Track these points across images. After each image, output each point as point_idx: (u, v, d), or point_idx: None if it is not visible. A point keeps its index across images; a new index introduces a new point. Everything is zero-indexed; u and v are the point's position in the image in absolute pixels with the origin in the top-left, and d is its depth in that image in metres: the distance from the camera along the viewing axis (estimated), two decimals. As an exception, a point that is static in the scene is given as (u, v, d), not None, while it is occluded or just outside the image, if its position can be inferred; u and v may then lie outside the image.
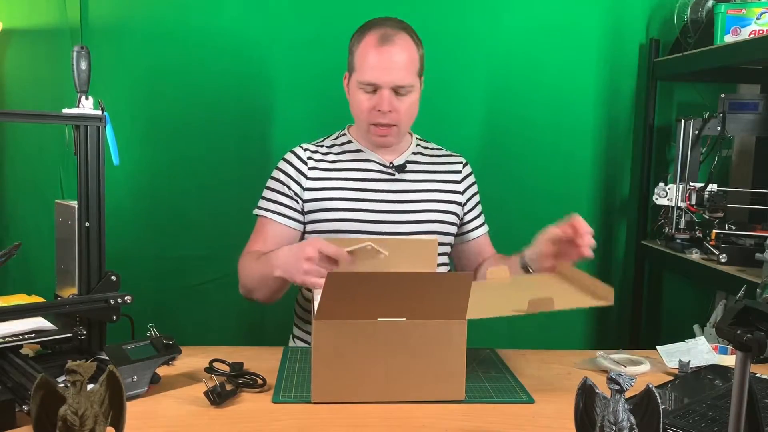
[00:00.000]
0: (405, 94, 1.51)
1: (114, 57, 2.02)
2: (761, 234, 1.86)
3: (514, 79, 2.19)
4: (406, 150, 1.65)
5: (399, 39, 1.50)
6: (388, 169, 1.60)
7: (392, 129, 1.54)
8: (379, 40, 1.49)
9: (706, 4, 2.05)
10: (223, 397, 1.10)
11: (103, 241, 1.26)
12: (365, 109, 1.52)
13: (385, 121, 1.52)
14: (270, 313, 2.08)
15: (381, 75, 1.48)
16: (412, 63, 1.52)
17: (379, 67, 1.48)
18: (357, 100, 1.53)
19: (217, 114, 2.10)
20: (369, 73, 1.49)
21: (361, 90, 1.51)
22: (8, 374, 1.11)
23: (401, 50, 1.50)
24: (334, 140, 1.66)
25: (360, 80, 1.51)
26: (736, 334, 0.73)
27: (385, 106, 1.49)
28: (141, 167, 2.07)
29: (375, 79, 1.49)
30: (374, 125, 1.53)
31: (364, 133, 1.59)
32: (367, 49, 1.50)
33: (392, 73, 1.48)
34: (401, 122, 1.54)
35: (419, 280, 1.16)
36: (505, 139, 2.21)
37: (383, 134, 1.55)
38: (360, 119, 1.56)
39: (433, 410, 1.11)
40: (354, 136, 1.65)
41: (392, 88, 1.49)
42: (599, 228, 2.30)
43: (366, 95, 1.51)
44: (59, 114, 1.24)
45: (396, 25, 1.53)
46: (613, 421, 0.78)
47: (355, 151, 1.62)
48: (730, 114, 2.03)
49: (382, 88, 1.49)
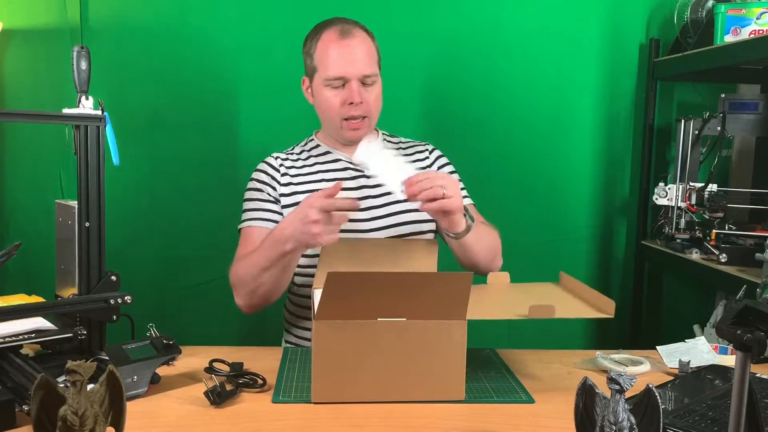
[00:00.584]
0: (371, 84, 1.53)
1: (114, 57, 2.02)
2: (761, 234, 1.86)
3: (514, 79, 2.19)
4: None
5: (357, 32, 1.53)
6: (357, 167, 1.60)
7: (364, 121, 1.55)
8: (339, 34, 1.51)
9: (706, 4, 2.05)
10: (223, 397, 1.10)
11: (103, 241, 1.26)
12: (336, 105, 1.52)
13: (357, 113, 1.52)
14: (270, 314, 2.07)
15: (348, 66, 1.50)
16: (372, 54, 1.55)
17: (344, 60, 1.50)
18: (325, 98, 1.54)
19: (217, 114, 2.10)
20: (335, 68, 1.50)
21: (328, 87, 1.52)
22: (8, 374, 1.11)
23: (361, 42, 1.52)
24: (303, 146, 1.67)
25: (326, 77, 1.51)
26: (736, 334, 0.73)
27: (356, 98, 1.50)
28: (141, 167, 2.07)
29: (342, 72, 1.50)
30: (346, 120, 1.54)
31: (334, 131, 1.59)
32: (328, 45, 1.52)
33: (358, 64, 1.50)
34: (371, 113, 1.56)
35: (419, 279, 1.16)
36: (505, 138, 2.21)
37: (356, 127, 1.55)
38: (331, 117, 1.55)
39: (433, 410, 1.11)
40: (321, 139, 1.66)
41: (359, 79, 1.51)
42: (599, 228, 2.30)
43: (334, 91, 1.52)
44: (59, 114, 1.24)
45: (348, 21, 1.56)
46: (613, 421, 0.78)
47: (324, 153, 1.63)
48: (730, 114, 2.03)
49: (350, 80, 1.50)
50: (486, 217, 1.73)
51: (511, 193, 2.21)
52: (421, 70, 2.15)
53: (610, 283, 2.33)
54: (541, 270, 2.24)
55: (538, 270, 2.23)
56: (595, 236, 2.30)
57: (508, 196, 2.21)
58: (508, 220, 2.20)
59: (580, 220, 2.27)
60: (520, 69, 2.19)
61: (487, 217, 1.74)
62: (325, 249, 1.34)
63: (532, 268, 2.23)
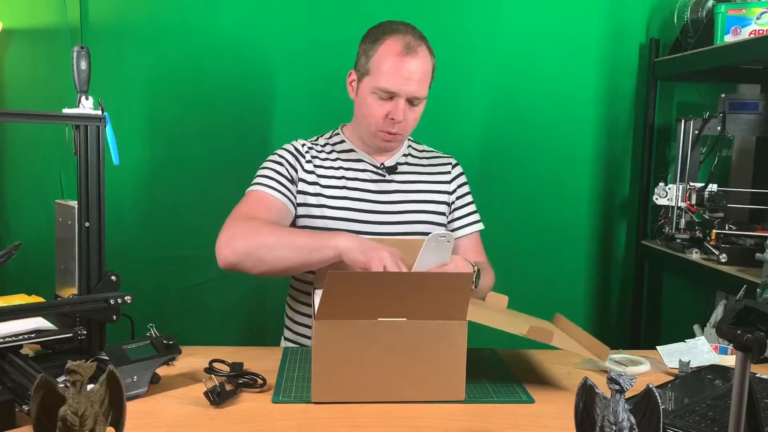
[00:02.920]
0: (417, 105, 1.52)
1: (114, 57, 2.02)
2: (761, 234, 1.86)
3: (514, 79, 2.19)
4: (398, 152, 1.65)
5: (421, 50, 1.49)
6: (379, 170, 1.61)
7: (397, 136, 1.55)
8: (404, 49, 1.47)
9: (706, 4, 2.05)
10: (223, 397, 1.10)
11: (103, 241, 1.26)
12: (378, 114, 1.51)
13: (396, 130, 1.52)
14: (270, 314, 2.08)
15: (401, 85, 1.47)
16: (428, 75, 1.52)
17: (400, 77, 1.47)
18: (368, 104, 1.52)
19: (217, 114, 2.10)
20: (388, 81, 1.48)
21: (375, 95, 1.50)
22: (8, 374, 1.11)
23: (422, 62, 1.49)
24: (327, 139, 1.66)
25: (377, 86, 1.49)
26: (736, 334, 0.73)
27: (399, 116, 1.49)
28: (141, 167, 2.07)
29: (395, 88, 1.48)
30: (382, 131, 1.53)
31: (367, 136, 1.58)
32: (388, 56, 1.48)
33: (412, 84, 1.48)
34: (407, 131, 1.56)
35: (419, 279, 1.17)
36: (506, 139, 2.21)
37: (389, 140, 1.55)
38: (369, 123, 1.54)
39: (433, 410, 1.11)
40: (348, 136, 1.65)
41: (408, 98, 1.49)
42: (599, 228, 2.30)
43: (379, 101, 1.50)
44: (59, 114, 1.24)
45: (417, 35, 1.52)
46: (613, 421, 0.78)
47: (348, 150, 1.62)
48: (730, 114, 2.03)
49: (399, 97, 1.48)
50: (486, 216, 1.74)
51: (511, 192, 2.21)
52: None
53: (610, 283, 2.33)
54: (541, 270, 2.26)
55: (538, 270, 2.25)
56: (595, 236, 2.30)
57: (508, 195, 2.21)
58: (508, 220, 2.20)
59: (580, 220, 2.27)
60: (520, 69, 2.19)
61: (488, 217, 1.75)
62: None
63: (532, 268, 2.25)
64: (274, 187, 1.52)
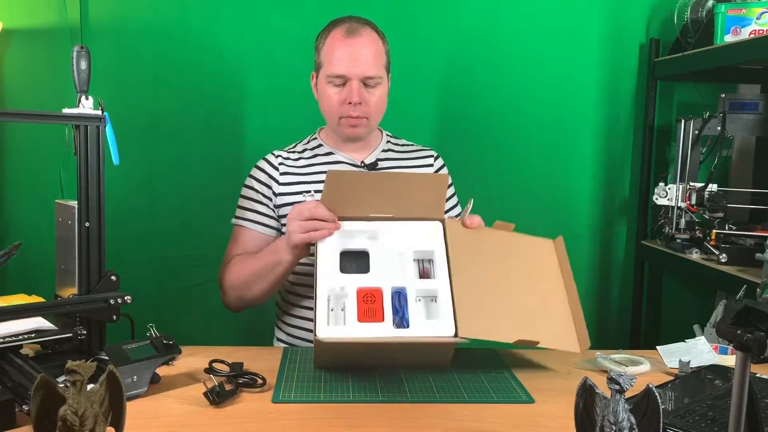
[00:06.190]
0: (374, 86, 1.53)
1: (114, 57, 2.02)
2: (761, 234, 1.86)
3: (514, 78, 2.19)
4: (377, 147, 1.65)
5: (364, 32, 1.53)
6: (360, 168, 1.60)
7: (362, 121, 1.55)
8: (346, 32, 1.52)
9: (706, 4, 2.05)
10: (223, 397, 1.10)
11: (103, 241, 1.25)
12: (335, 102, 1.53)
13: (356, 113, 1.53)
14: (270, 314, 2.08)
15: (350, 66, 1.50)
16: (379, 55, 1.54)
17: (346, 59, 1.51)
18: (326, 95, 1.54)
19: (216, 114, 2.10)
20: (337, 66, 1.51)
21: (330, 84, 1.53)
22: (8, 374, 1.11)
23: (368, 42, 1.52)
24: (305, 145, 1.67)
25: (328, 74, 1.52)
26: (736, 334, 0.73)
27: (354, 97, 1.51)
28: (141, 167, 2.06)
29: (344, 70, 1.51)
30: (344, 118, 1.54)
31: (334, 128, 1.59)
32: (333, 42, 1.52)
33: (360, 65, 1.51)
34: (371, 115, 1.56)
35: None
36: (506, 138, 2.21)
37: (354, 125, 1.55)
38: (330, 114, 1.56)
39: (433, 410, 1.11)
40: (324, 138, 1.66)
41: (361, 79, 1.51)
42: (599, 228, 2.30)
43: (335, 89, 1.53)
44: (59, 114, 1.24)
45: (360, 20, 1.56)
46: (613, 421, 0.78)
47: (326, 153, 1.63)
48: (730, 114, 2.03)
49: (351, 79, 1.51)
50: (486, 216, 1.73)
51: (511, 192, 2.21)
52: (421, 71, 2.15)
53: (610, 283, 2.33)
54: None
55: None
56: (595, 236, 2.30)
57: (508, 195, 2.21)
58: (508, 219, 2.19)
59: (580, 220, 2.27)
60: (521, 69, 2.19)
61: (487, 216, 1.74)
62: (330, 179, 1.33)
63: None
64: (245, 218, 1.60)
